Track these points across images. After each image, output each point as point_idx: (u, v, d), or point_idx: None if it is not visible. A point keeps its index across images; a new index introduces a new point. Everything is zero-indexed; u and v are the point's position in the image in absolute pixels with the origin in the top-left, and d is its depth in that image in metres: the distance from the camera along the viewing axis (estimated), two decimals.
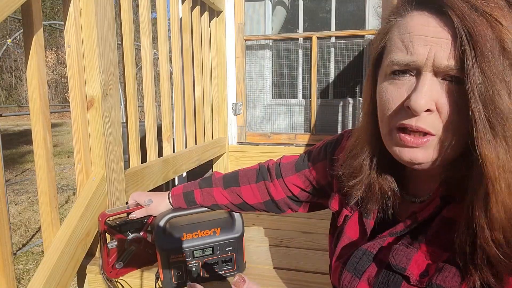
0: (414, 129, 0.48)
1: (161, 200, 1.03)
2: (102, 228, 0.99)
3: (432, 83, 0.47)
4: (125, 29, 1.29)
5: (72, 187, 4.83)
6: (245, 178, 0.96)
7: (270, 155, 2.38)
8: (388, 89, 0.51)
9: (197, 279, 0.97)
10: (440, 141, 0.48)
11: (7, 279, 0.80)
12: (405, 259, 0.51)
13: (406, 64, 0.48)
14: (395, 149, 0.51)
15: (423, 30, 0.46)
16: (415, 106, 0.46)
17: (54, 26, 11.03)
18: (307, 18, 2.77)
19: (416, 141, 0.48)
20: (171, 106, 1.64)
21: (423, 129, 0.47)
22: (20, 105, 16.74)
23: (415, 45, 0.47)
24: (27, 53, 0.88)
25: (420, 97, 0.46)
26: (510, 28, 0.43)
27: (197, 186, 1.01)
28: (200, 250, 0.97)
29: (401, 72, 0.49)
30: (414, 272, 0.50)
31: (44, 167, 0.93)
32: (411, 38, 0.47)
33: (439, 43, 0.45)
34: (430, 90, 0.46)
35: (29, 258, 2.88)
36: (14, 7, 0.79)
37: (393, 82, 0.50)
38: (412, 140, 0.48)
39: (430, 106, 0.46)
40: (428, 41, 0.46)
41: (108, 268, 1.01)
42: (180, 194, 1.01)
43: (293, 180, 0.88)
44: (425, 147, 0.48)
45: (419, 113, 0.47)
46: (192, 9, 1.88)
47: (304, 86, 2.51)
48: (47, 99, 0.93)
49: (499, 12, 0.43)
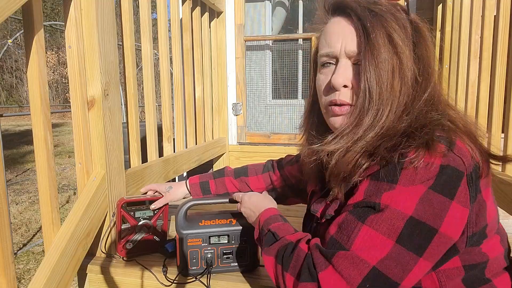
0: (338, 102, 0.67)
1: (179, 187, 1.16)
2: (119, 211, 1.08)
3: (347, 66, 0.66)
4: (126, 29, 1.29)
5: (73, 187, 4.84)
6: (253, 170, 1.15)
7: (270, 155, 2.38)
8: (320, 77, 0.71)
9: (211, 266, 1.01)
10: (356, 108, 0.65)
11: (7, 279, 0.80)
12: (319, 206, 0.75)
13: (328, 54, 0.68)
14: (330, 119, 0.70)
15: (336, 28, 0.67)
16: (334, 83, 0.66)
17: (55, 27, 11.03)
18: (307, 18, 2.77)
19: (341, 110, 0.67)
20: (171, 106, 1.64)
21: (343, 101, 0.66)
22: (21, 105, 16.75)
23: (333, 40, 0.66)
24: (28, 53, 0.88)
25: (338, 76, 0.65)
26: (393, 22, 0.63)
27: (212, 177, 1.16)
28: (216, 237, 1.01)
29: (327, 63, 0.69)
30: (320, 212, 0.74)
31: (44, 167, 0.93)
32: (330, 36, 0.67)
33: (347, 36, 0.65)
34: (344, 71, 0.66)
35: (30, 257, 2.89)
36: (15, 7, 0.79)
37: (323, 71, 0.70)
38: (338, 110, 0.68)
39: (346, 82, 0.66)
40: (340, 35, 0.66)
41: (119, 247, 1.11)
42: (197, 184, 1.16)
43: (291, 170, 1.09)
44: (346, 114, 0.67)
45: (339, 88, 0.66)
46: (193, 10, 1.88)
47: (304, 86, 2.51)
48: (48, 100, 0.93)
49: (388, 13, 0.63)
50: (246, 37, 2.40)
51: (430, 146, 0.58)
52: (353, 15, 0.64)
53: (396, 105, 0.62)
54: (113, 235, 1.13)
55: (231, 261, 1.03)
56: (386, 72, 0.61)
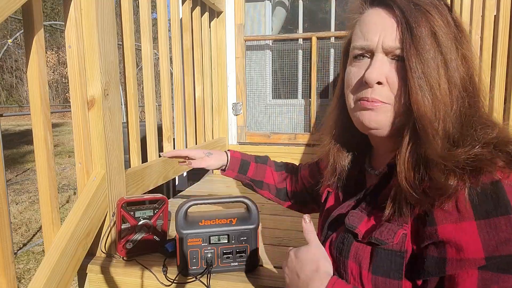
0: (370, 100, 0.60)
1: (219, 155, 1.10)
2: (119, 211, 1.08)
3: (383, 61, 0.59)
4: (126, 29, 1.29)
5: (73, 187, 4.84)
6: (290, 167, 1.12)
7: (270, 155, 2.36)
8: (352, 70, 0.64)
9: (211, 266, 1.01)
10: (392, 109, 0.59)
11: (7, 279, 0.80)
12: (357, 220, 0.62)
13: (363, 48, 0.61)
14: (357, 114, 0.63)
15: (375, 20, 0.60)
16: (368, 78, 0.58)
17: (55, 27, 11.03)
18: (306, 18, 2.77)
19: (372, 103, 0.60)
20: (171, 106, 1.64)
21: (377, 100, 0.59)
22: (21, 105, 16.74)
23: (370, 32, 0.60)
24: (28, 53, 0.88)
25: (372, 71, 0.58)
26: (438, 18, 0.57)
27: (254, 159, 1.11)
28: (216, 237, 1.01)
29: (361, 56, 0.62)
30: (362, 230, 0.61)
31: (44, 167, 0.93)
32: (367, 27, 0.61)
33: (386, 29, 0.58)
34: (380, 67, 0.59)
35: (30, 257, 2.89)
36: (15, 7, 0.79)
37: (355, 64, 0.63)
38: (369, 103, 0.60)
39: (381, 78, 0.58)
40: (379, 28, 0.59)
41: (119, 247, 1.10)
42: (238, 159, 1.10)
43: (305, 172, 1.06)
44: (378, 110, 0.60)
45: (373, 84, 0.59)
46: (193, 10, 1.88)
47: (304, 86, 2.51)
48: (48, 99, 0.93)
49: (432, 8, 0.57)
50: (246, 37, 2.40)
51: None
52: (395, 7, 0.58)
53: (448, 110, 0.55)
54: (113, 235, 1.13)
55: (231, 261, 1.03)
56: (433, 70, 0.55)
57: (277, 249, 1.25)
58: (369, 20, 0.61)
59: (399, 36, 0.57)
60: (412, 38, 0.56)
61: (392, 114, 0.59)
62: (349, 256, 0.61)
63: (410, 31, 0.56)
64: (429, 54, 0.55)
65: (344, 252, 0.62)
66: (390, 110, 0.59)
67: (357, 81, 0.62)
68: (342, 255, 0.62)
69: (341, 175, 0.74)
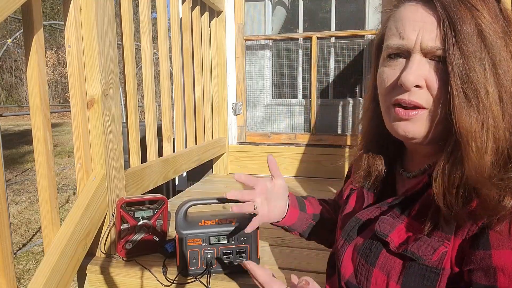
0: (408, 103, 0.54)
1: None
2: (118, 211, 1.08)
3: (421, 62, 0.53)
4: (125, 29, 1.29)
5: (73, 187, 4.84)
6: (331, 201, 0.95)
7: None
8: (385, 71, 0.58)
9: (211, 267, 1.01)
10: (430, 115, 0.53)
11: (7, 279, 0.80)
12: (389, 228, 0.56)
13: (398, 47, 0.55)
14: (393, 125, 0.57)
15: (412, 16, 0.53)
16: (405, 82, 0.52)
17: (55, 26, 11.03)
18: (307, 18, 2.77)
19: (408, 113, 0.54)
20: (171, 106, 1.64)
21: (415, 103, 0.53)
22: (20, 105, 16.73)
23: (406, 30, 0.53)
24: (28, 53, 0.88)
25: (409, 73, 0.52)
26: (486, 13, 0.50)
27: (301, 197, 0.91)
28: (216, 237, 1.01)
29: (395, 55, 0.56)
30: (394, 240, 0.55)
31: (44, 167, 0.93)
32: (403, 24, 0.54)
33: (426, 27, 0.52)
34: (418, 68, 0.52)
35: (30, 258, 2.88)
36: (14, 7, 0.79)
37: (388, 64, 0.57)
38: (404, 113, 0.54)
39: (419, 81, 0.52)
40: (417, 26, 0.52)
41: (119, 247, 1.10)
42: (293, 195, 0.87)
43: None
44: (415, 120, 0.54)
45: (410, 88, 0.53)
46: (192, 9, 1.88)
47: (304, 86, 2.50)
48: (48, 99, 0.93)
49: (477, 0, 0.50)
50: (246, 36, 2.40)
51: None
52: (436, 1, 0.51)
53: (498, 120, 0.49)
54: (112, 235, 1.13)
55: (231, 261, 1.02)
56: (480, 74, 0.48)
57: (277, 249, 1.24)
58: (406, 16, 0.54)
59: (441, 35, 0.50)
60: (455, 37, 0.49)
61: (431, 121, 0.54)
62: (376, 265, 0.57)
63: (453, 29, 0.49)
64: (475, 55, 0.49)
65: (370, 259, 0.58)
66: (428, 117, 0.53)
67: (391, 83, 0.57)
68: (368, 262, 0.58)
69: (377, 179, 0.68)
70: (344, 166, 2.28)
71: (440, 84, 0.52)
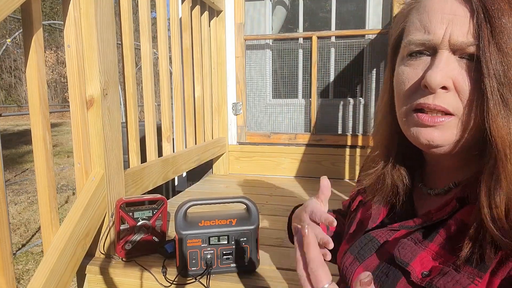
0: (432, 108, 0.46)
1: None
2: (117, 211, 1.07)
3: (449, 60, 0.45)
4: (125, 28, 1.29)
5: (72, 187, 4.83)
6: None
7: (270, 155, 2.38)
8: (405, 71, 0.50)
9: (211, 267, 1.00)
10: (460, 123, 0.46)
11: (6, 279, 0.80)
12: (410, 255, 0.49)
13: (422, 43, 0.47)
14: (412, 130, 0.49)
15: (440, 7, 0.46)
16: (431, 82, 0.45)
17: (54, 26, 11.02)
18: (307, 17, 2.76)
19: (434, 119, 0.46)
20: (171, 106, 1.64)
21: (441, 108, 0.45)
22: (19, 105, 16.71)
23: (433, 23, 0.46)
24: (27, 52, 0.88)
25: (436, 72, 0.45)
26: None
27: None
28: (216, 237, 1.01)
29: (418, 53, 0.48)
30: (416, 269, 0.48)
31: (43, 167, 0.92)
32: (429, 16, 0.46)
33: (456, 20, 0.44)
34: (446, 67, 0.45)
35: (29, 258, 2.88)
36: (14, 6, 0.78)
37: (409, 63, 0.49)
38: (430, 119, 0.46)
39: (446, 82, 0.45)
40: (445, 18, 0.45)
41: (118, 248, 1.10)
42: None
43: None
44: (443, 127, 0.46)
45: (435, 90, 0.45)
46: (192, 9, 1.87)
47: (304, 86, 2.50)
48: (47, 99, 0.93)
49: None
50: (246, 36, 2.39)
51: None
52: None
53: None
54: (112, 236, 1.12)
55: (231, 262, 1.02)
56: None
57: (277, 249, 1.24)
58: (432, 7, 0.47)
59: (474, 29, 0.44)
60: (492, 32, 0.42)
61: (460, 129, 0.46)
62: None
63: (489, 22, 0.43)
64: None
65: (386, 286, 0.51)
66: (457, 125, 0.46)
67: (412, 85, 0.49)
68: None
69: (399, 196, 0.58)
70: (344, 167, 2.27)
71: (473, 86, 0.44)
